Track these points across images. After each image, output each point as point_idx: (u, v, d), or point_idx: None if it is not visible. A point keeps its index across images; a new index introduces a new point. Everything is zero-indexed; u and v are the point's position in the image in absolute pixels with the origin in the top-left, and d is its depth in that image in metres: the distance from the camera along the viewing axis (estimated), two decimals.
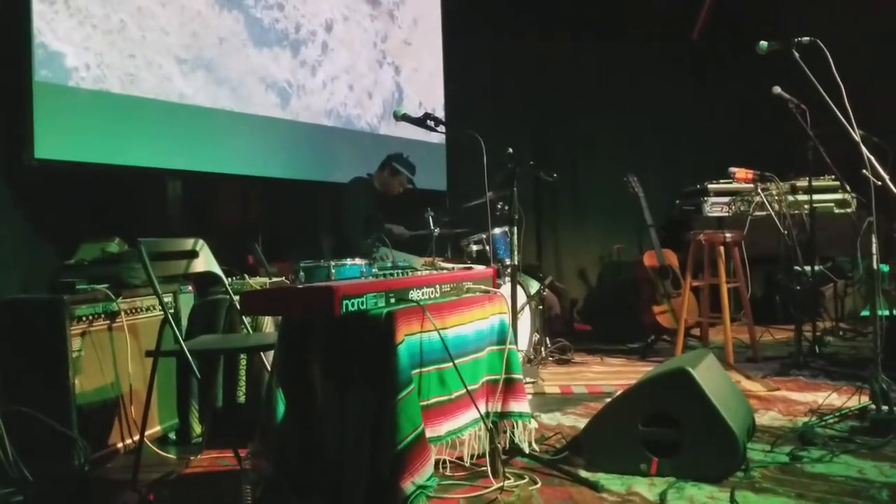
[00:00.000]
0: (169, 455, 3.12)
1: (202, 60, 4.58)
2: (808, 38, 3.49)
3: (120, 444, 3.03)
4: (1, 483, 2.55)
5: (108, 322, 3.02)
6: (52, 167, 3.76)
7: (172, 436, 3.35)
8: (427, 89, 6.56)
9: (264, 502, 2.25)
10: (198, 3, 4.57)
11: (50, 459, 2.69)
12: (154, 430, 3.20)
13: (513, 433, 2.66)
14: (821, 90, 3.43)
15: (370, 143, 5.87)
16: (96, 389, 2.93)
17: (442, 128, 3.40)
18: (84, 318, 2.89)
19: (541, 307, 5.01)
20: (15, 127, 3.68)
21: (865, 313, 5.74)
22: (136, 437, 2.95)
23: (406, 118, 3.35)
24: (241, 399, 3.25)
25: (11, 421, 2.64)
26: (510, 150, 3.32)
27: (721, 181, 6.03)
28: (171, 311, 3.17)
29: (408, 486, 1.98)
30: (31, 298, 2.91)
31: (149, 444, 3.04)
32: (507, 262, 4.59)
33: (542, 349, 5.00)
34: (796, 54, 3.53)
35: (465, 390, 2.37)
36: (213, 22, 4.67)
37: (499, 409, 2.64)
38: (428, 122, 3.33)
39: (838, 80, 3.29)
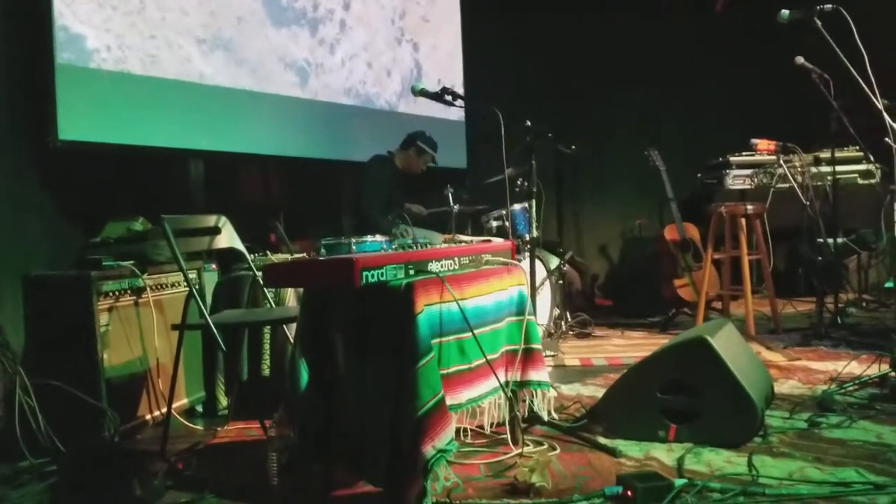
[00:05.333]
0: (196, 426, 3.19)
1: (221, 40, 4.61)
2: (830, 6, 3.45)
3: (148, 416, 3.12)
4: (34, 454, 2.63)
5: (134, 297, 3.09)
6: (76, 148, 3.82)
7: (199, 408, 3.44)
8: (446, 66, 6.55)
9: (289, 468, 2.31)
10: None
11: (81, 431, 2.77)
12: (181, 402, 3.28)
13: (532, 402, 2.70)
14: (843, 59, 3.39)
15: (389, 121, 5.89)
16: (124, 363, 3.01)
17: (460, 102, 3.42)
18: (111, 294, 2.96)
19: (561, 282, 5.03)
20: (39, 109, 3.74)
21: (890, 285, 5.69)
22: (164, 409, 3.03)
23: (424, 93, 3.37)
24: (266, 372, 3.31)
25: (43, 394, 2.72)
26: (528, 122, 3.33)
27: (743, 153, 5.97)
28: (196, 287, 3.23)
29: (428, 450, 2.02)
30: (60, 275, 2.96)
31: (176, 415, 3.12)
32: (528, 237, 4.62)
33: (563, 323, 5.03)
34: (818, 23, 3.50)
35: (484, 360, 2.40)
36: (231, 1, 4.69)
37: (518, 378, 2.67)
38: (446, 96, 3.35)
39: (861, 48, 3.26)
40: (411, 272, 2.28)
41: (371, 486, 2.25)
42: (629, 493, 2.08)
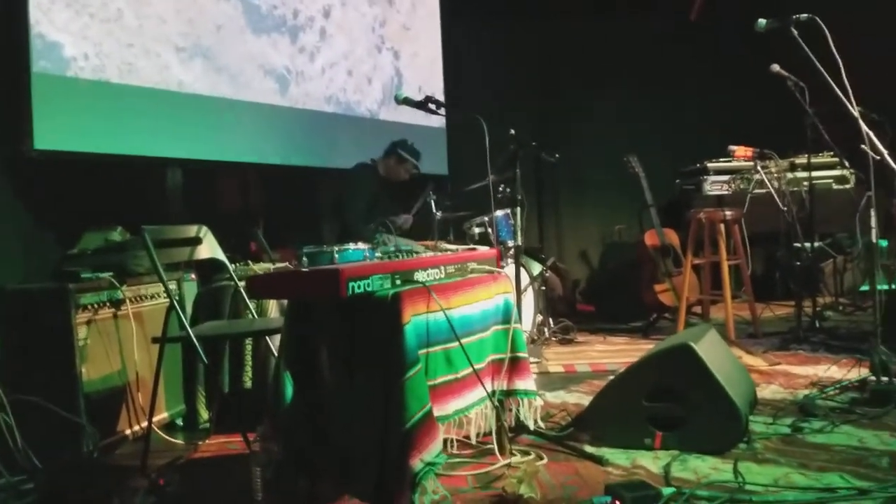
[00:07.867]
0: (177, 441, 3.14)
1: (200, 48, 4.57)
2: (806, 16, 3.49)
3: (128, 431, 3.06)
4: (11, 471, 2.57)
5: (113, 310, 3.03)
6: (52, 158, 3.77)
7: (180, 422, 3.38)
8: (426, 74, 6.56)
9: (275, 484, 2.28)
10: None
11: (59, 447, 2.70)
12: (161, 416, 3.23)
13: (518, 411, 2.68)
14: (819, 67, 3.43)
15: (370, 128, 5.88)
16: (103, 377, 2.95)
17: (443, 110, 3.41)
18: (89, 307, 2.90)
19: (543, 288, 5.03)
20: (14, 118, 3.68)
21: (865, 288, 5.76)
22: (144, 424, 2.97)
23: (407, 102, 3.36)
24: (248, 384, 3.27)
25: (20, 410, 2.66)
26: (512, 131, 3.34)
27: (721, 159, 6.01)
28: (176, 298, 3.18)
29: (416, 463, 2.00)
30: (37, 287, 2.90)
31: (157, 430, 3.07)
32: (510, 244, 4.62)
33: (546, 330, 5.03)
34: (794, 32, 3.53)
35: (471, 369, 2.39)
36: (210, 9, 4.65)
37: (504, 388, 2.65)
38: (429, 105, 3.34)
39: (837, 57, 3.30)
40: (398, 282, 2.26)
41: (358, 500, 2.22)
42: (618, 502, 2.08)
